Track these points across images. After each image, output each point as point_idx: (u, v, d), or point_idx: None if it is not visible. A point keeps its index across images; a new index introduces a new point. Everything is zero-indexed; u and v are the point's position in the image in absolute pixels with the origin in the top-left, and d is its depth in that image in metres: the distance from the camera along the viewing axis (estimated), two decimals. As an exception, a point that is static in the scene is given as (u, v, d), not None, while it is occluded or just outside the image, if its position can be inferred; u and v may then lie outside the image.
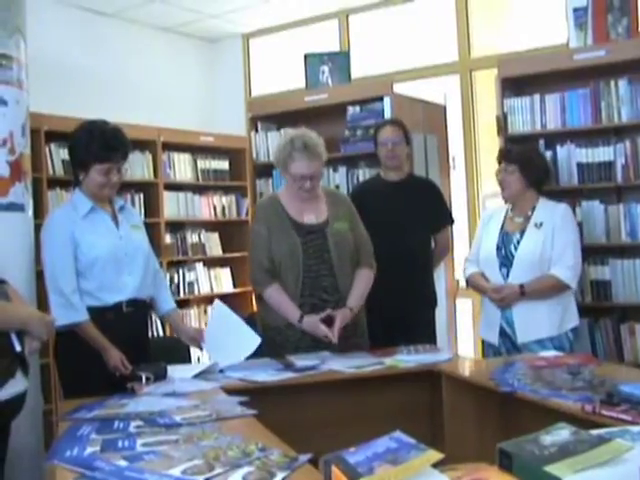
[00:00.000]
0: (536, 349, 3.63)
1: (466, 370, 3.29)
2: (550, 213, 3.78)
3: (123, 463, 1.91)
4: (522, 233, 3.78)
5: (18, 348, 2.64)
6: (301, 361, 3.23)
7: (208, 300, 6.69)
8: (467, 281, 4.04)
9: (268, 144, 5.61)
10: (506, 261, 3.78)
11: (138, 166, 5.91)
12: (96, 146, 3.20)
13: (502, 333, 3.78)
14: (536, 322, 3.70)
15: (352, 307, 3.53)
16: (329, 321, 3.43)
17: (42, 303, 3.60)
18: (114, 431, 2.27)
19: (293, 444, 2.10)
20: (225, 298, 6.72)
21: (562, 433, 1.67)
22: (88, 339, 3.15)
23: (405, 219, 4.16)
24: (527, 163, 3.83)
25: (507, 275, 3.76)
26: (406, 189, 4.26)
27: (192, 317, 6.50)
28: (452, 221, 4.56)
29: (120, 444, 2.11)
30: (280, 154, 3.57)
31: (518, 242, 3.77)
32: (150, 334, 5.63)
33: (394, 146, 4.23)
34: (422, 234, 4.33)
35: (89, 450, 2.07)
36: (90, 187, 3.26)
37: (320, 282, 3.51)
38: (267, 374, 3.09)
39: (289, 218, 3.57)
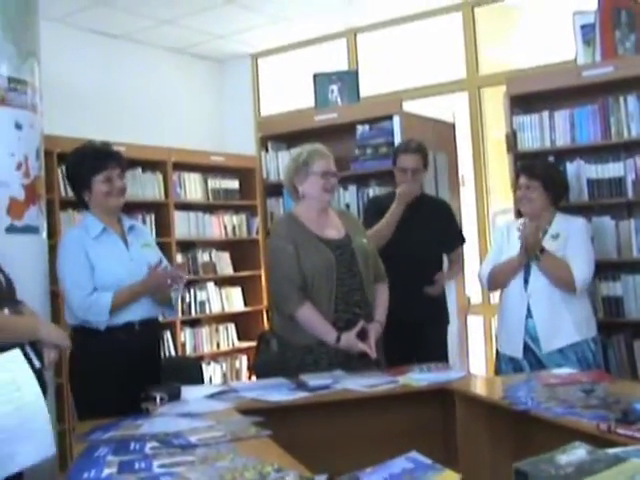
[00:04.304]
0: (559, 361, 3.63)
1: (479, 388, 3.27)
2: (566, 225, 3.80)
3: (140, 485, 1.92)
4: None
5: (37, 364, 2.66)
6: (314, 380, 3.22)
7: (219, 319, 6.71)
8: (489, 279, 3.93)
9: (278, 163, 5.63)
10: (526, 274, 3.78)
11: (149, 186, 5.96)
12: (89, 159, 3.34)
13: (525, 348, 3.76)
14: (559, 328, 3.68)
15: (380, 321, 3.54)
16: (361, 336, 3.42)
17: (56, 323, 3.62)
18: (130, 452, 2.28)
19: (307, 464, 2.10)
20: (236, 317, 6.79)
21: (578, 452, 1.67)
22: (126, 300, 3.23)
23: (417, 237, 4.18)
24: (550, 180, 3.84)
25: (526, 285, 3.77)
26: (419, 208, 4.27)
27: (204, 336, 6.52)
28: (464, 241, 4.56)
29: (137, 465, 2.11)
30: (295, 162, 3.57)
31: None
32: (162, 354, 5.70)
33: (413, 174, 4.25)
34: (434, 252, 4.35)
35: (106, 472, 2.08)
36: (98, 201, 3.34)
37: (352, 297, 3.48)
38: (280, 394, 3.08)
39: (313, 234, 3.53)
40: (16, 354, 2.21)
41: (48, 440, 2.14)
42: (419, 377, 3.29)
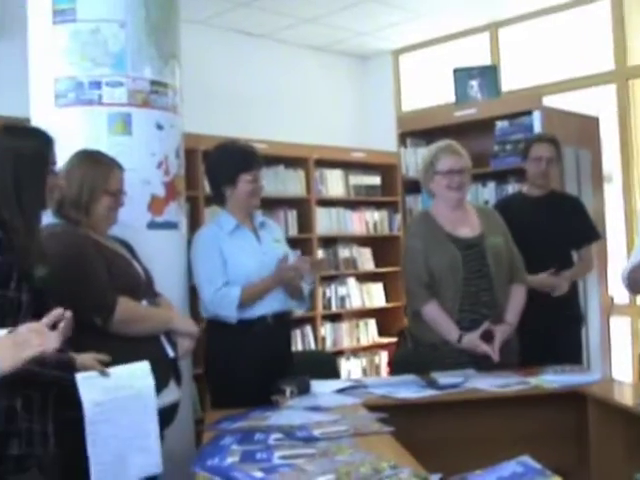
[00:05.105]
0: None
1: (615, 393, 3.15)
2: None
3: (259, 474, 1.99)
4: None
5: (171, 354, 2.80)
6: (444, 378, 3.21)
7: (360, 314, 6.76)
8: (626, 279, 3.75)
9: (417, 160, 5.59)
10: None
11: (291, 183, 6.06)
12: (239, 157, 3.45)
13: None
14: None
15: (511, 323, 3.49)
16: (487, 337, 3.38)
17: (194, 317, 3.77)
18: (254, 442, 2.36)
19: (428, 462, 2.10)
20: (377, 313, 6.82)
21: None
22: (255, 295, 3.32)
23: (546, 235, 4.03)
24: None
25: None
26: (547, 205, 4.14)
27: (344, 331, 6.58)
28: (598, 237, 4.36)
29: (258, 456, 2.19)
30: (424, 161, 3.67)
31: None
32: (301, 348, 5.81)
33: (548, 164, 4.12)
34: (564, 250, 4.17)
35: (229, 460, 2.16)
36: (241, 199, 3.44)
37: (480, 297, 3.46)
38: (409, 391, 3.10)
39: (444, 232, 3.54)
40: (146, 366, 2.31)
41: (156, 458, 2.22)
42: (552, 379, 3.21)
